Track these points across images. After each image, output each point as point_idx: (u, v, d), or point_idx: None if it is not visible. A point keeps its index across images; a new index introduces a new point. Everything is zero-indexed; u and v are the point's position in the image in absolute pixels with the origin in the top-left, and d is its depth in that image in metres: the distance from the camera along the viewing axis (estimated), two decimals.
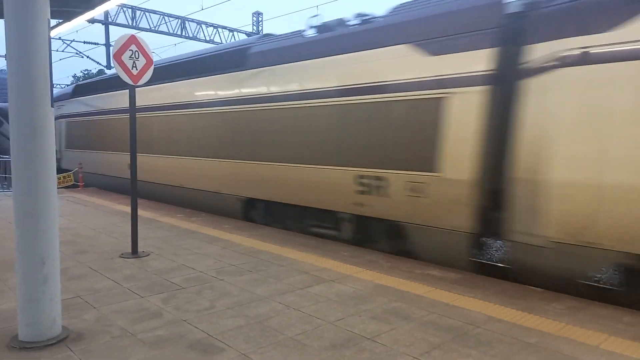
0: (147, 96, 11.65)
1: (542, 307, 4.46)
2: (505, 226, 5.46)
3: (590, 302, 4.62)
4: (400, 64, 6.40)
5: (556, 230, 5.03)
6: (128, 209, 10.20)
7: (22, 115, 3.44)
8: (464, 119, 5.72)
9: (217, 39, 29.18)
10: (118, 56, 6.13)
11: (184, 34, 27.46)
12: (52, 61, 3.72)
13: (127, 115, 9.52)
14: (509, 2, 5.73)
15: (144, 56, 6.37)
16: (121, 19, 25.02)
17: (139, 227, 6.57)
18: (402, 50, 6.39)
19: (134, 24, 25.34)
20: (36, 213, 3.48)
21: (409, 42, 6.33)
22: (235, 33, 30.35)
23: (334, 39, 7.44)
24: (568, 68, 4.92)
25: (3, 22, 3.67)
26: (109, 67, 27.09)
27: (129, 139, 6.37)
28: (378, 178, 6.64)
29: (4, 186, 15.10)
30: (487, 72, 5.57)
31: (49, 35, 3.62)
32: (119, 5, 24.00)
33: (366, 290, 4.91)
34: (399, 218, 6.47)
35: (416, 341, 3.70)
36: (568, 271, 5.03)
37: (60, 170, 15.38)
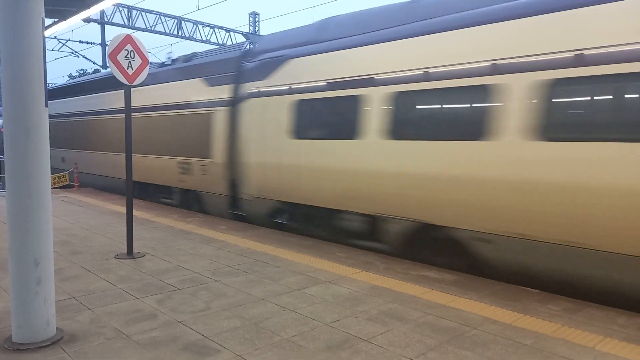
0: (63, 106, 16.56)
1: (536, 309, 4.47)
2: (239, 190, 9.13)
3: (585, 304, 4.63)
4: (196, 91, 10.29)
5: (254, 190, 8.76)
6: (123, 209, 10.15)
7: (15, 115, 3.42)
8: (220, 126, 9.43)
9: (213, 39, 29.16)
10: (113, 56, 6.11)
11: (180, 33, 27.43)
12: (47, 61, 3.69)
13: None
14: (241, 57, 9.38)
15: (139, 56, 6.34)
16: (117, 19, 24.97)
17: (134, 228, 6.53)
18: (196, 83, 10.29)
19: (130, 24, 25.29)
20: (29, 213, 3.45)
21: (200, 78, 10.21)
22: (231, 33, 30.31)
23: (166, 72, 11.56)
24: (252, 99, 8.69)
25: None
26: (104, 66, 27.01)
27: (124, 138, 6.33)
28: (186, 163, 10.41)
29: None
30: (228, 98, 9.31)
31: (43, 35, 3.59)
32: (114, 5, 23.92)
33: (362, 292, 4.90)
34: (198, 188, 10.25)
35: (412, 343, 3.69)
36: (263, 212, 8.73)
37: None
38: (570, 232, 4.89)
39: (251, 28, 32.65)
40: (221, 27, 29.80)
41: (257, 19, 33.09)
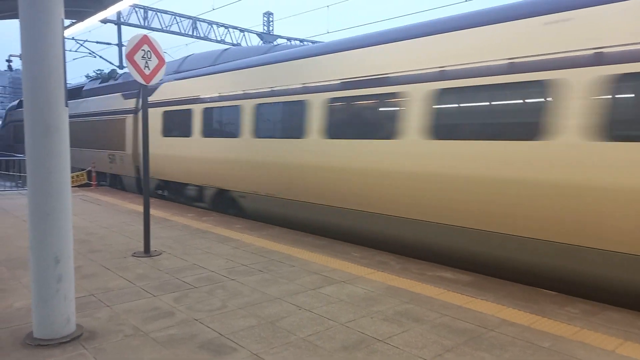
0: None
1: (554, 311, 4.41)
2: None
3: (603, 307, 4.56)
4: (116, 102, 14.43)
5: (135, 170, 13.44)
6: (139, 208, 10.27)
7: (36, 114, 3.47)
8: (129, 127, 13.43)
9: (228, 39, 29.31)
10: (130, 56, 6.17)
11: (195, 34, 27.61)
12: (66, 61, 3.75)
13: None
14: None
15: (156, 56, 6.40)
16: (133, 19, 25.23)
17: (150, 227, 6.60)
18: (118, 96, 14.41)
19: (146, 24, 25.54)
20: (50, 212, 3.51)
21: (120, 93, 14.34)
22: (246, 33, 30.44)
23: (102, 87, 16.13)
24: (139, 110, 12.88)
25: (18, 22, 3.70)
26: (121, 66, 27.32)
27: (142, 136, 6.42)
28: (112, 155, 14.52)
29: (18, 185, 15.28)
30: (134, 108, 13.39)
31: (63, 35, 3.65)
32: (131, 6, 24.19)
33: (377, 292, 4.89)
34: (119, 172, 14.45)
35: (429, 344, 3.67)
36: (153, 188, 12.81)
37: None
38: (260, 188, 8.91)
39: (265, 28, 32.76)
40: (235, 27, 29.94)
41: (271, 19, 33.21)
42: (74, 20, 10.54)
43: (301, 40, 32.75)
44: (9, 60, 21.24)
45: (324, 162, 7.52)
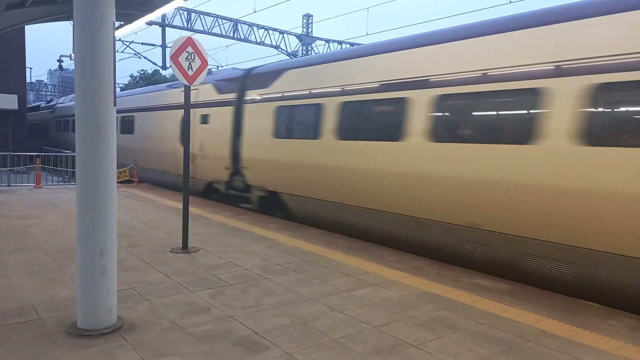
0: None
1: (598, 324, 4.25)
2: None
3: None
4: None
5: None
6: (178, 205, 10.53)
7: (87, 113, 3.63)
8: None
9: (267, 41, 29.68)
10: (175, 57, 6.35)
11: (236, 35, 28.10)
12: (116, 62, 3.90)
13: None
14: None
15: (199, 57, 6.56)
16: (177, 21, 25.93)
17: (188, 223, 6.76)
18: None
19: (189, 26, 26.19)
20: (97, 206, 3.66)
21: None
22: (285, 35, 30.75)
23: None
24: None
25: (68, 24, 3.88)
26: (164, 67, 28.09)
27: (181, 134, 6.65)
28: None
29: (65, 179, 15.96)
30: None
31: (114, 37, 3.80)
32: (175, 8, 24.86)
33: (411, 297, 4.84)
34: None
35: (463, 351, 3.61)
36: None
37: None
38: None
39: (304, 30, 32.99)
40: (275, 29, 30.29)
41: (310, 21, 33.40)
42: (122, 23, 10.94)
43: (340, 42, 32.80)
44: (59, 60, 22.21)
45: None
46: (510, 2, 16.18)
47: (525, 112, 5.56)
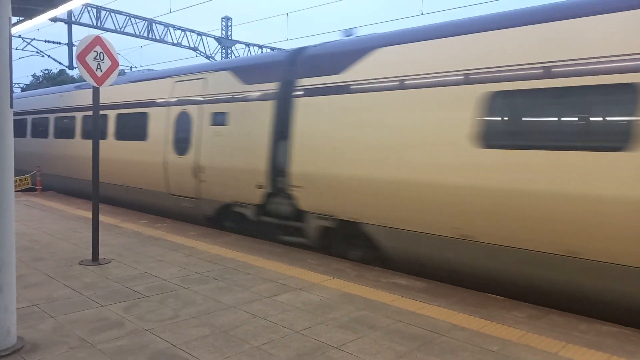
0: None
1: (502, 315, 4.58)
2: None
3: (549, 311, 4.77)
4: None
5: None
6: (87, 214, 9.88)
7: None
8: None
9: (185, 42, 28.83)
10: (82, 57, 5.97)
11: (151, 36, 26.99)
12: (12, 60, 3.58)
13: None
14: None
15: (109, 58, 6.22)
16: (85, 19, 24.39)
17: (99, 233, 6.37)
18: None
19: (99, 24, 24.75)
20: None
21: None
22: (203, 37, 30.05)
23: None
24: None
25: None
26: (71, 67, 26.31)
27: (91, 136, 6.17)
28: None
29: None
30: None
31: (10, 34, 3.49)
32: (83, 5, 23.38)
33: (333, 299, 4.91)
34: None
35: (382, 350, 3.72)
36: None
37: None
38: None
39: (223, 32, 32.46)
40: (193, 31, 29.50)
41: (229, 24, 32.93)
42: (21, 18, 10.09)
43: (260, 47, 32.66)
44: None
45: None
46: (422, 14, 17.07)
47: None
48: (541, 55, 5.05)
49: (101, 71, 6.13)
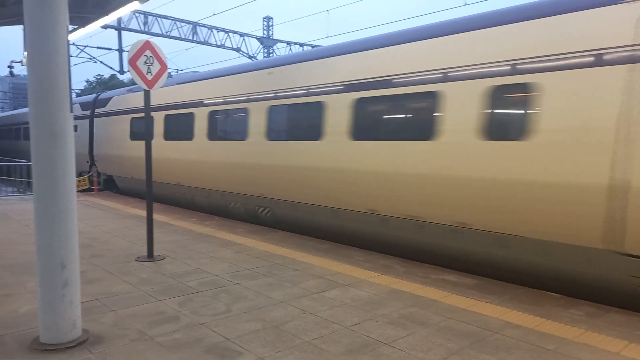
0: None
1: (559, 313, 4.41)
2: None
3: (608, 309, 4.56)
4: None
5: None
6: (141, 213, 10.28)
7: (41, 120, 3.49)
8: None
9: (228, 44, 29.40)
10: (133, 62, 6.20)
11: (195, 38, 27.69)
12: (70, 67, 3.77)
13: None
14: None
15: (158, 61, 6.43)
16: (134, 25, 25.32)
17: (153, 231, 6.61)
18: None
19: (146, 29, 25.62)
20: (56, 217, 3.52)
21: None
22: (246, 38, 30.53)
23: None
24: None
25: (19, 28, 3.73)
26: (121, 72, 27.37)
27: (145, 138, 6.44)
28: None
29: (20, 190, 15.31)
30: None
31: (68, 42, 3.67)
32: (132, 11, 24.27)
33: (382, 295, 4.89)
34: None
35: (434, 347, 3.68)
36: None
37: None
38: None
39: (265, 32, 32.85)
40: (235, 32, 30.03)
41: (270, 23, 33.29)
42: (75, 26, 10.59)
43: (301, 44, 32.84)
44: (10, 67, 21.30)
45: None
46: (466, 5, 16.63)
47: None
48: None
49: (151, 75, 6.35)
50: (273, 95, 8.61)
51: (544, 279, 5.40)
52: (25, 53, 17.81)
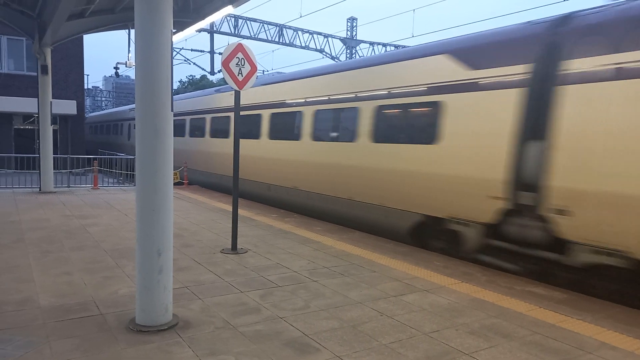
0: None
1: None
2: None
3: None
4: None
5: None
6: (226, 207, 10.77)
7: (147, 117, 3.78)
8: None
9: (312, 45, 29.91)
10: (226, 63, 6.51)
11: (281, 40, 28.48)
12: (173, 68, 4.04)
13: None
14: None
15: (249, 63, 6.70)
16: (225, 28, 26.56)
17: (238, 226, 6.90)
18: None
19: (236, 32, 26.77)
20: (156, 208, 3.80)
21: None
22: (329, 39, 30.88)
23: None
24: None
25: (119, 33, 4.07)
26: (212, 72, 28.82)
27: (234, 135, 6.76)
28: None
29: (119, 181, 16.67)
30: None
31: (172, 45, 3.94)
32: (224, 15, 25.48)
33: (462, 303, 4.74)
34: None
35: None
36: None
37: None
38: None
39: (348, 33, 33.01)
40: (319, 33, 30.48)
41: (354, 24, 33.39)
42: (175, 30, 11.34)
43: (384, 45, 32.62)
44: (116, 67, 23.24)
45: None
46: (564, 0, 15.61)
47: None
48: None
49: (242, 76, 6.63)
50: None
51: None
52: (130, 55, 19.07)
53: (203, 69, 30.18)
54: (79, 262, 5.80)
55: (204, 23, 10.31)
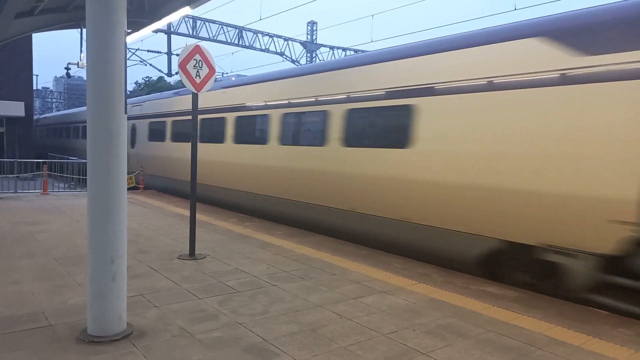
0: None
1: (608, 332, 4.23)
2: None
3: None
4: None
5: None
6: (184, 212, 10.56)
7: (99, 120, 3.66)
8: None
9: (272, 48, 29.83)
10: (183, 65, 6.40)
11: (241, 43, 28.25)
12: (127, 69, 3.93)
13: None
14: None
15: (207, 65, 6.61)
16: (183, 29, 26.10)
17: (195, 231, 6.77)
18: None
19: (195, 34, 26.35)
20: (108, 213, 3.68)
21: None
22: (289, 42, 30.89)
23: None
24: None
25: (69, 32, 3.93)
26: (169, 74, 28.24)
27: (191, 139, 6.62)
28: None
29: (71, 186, 16.04)
30: None
31: (126, 45, 3.84)
32: (182, 16, 25.03)
33: (419, 304, 4.83)
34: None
35: (473, 359, 3.60)
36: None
37: None
38: None
39: (309, 37, 33.13)
40: (279, 36, 30.44)
41: (315, 28, 33.56)
42: (130, 30, 11.03)
43: (344, 49, 32.92)
44: (67, 68, 22.38)
45: None
46: (515, 9, 16.27)
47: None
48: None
49: (199, 78, 6.53)
50: None
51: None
52: (82, 55, 18.35)
53: (160, 71, 29.55)
54: (28, 271, 5.53)
55: (161, 24, 10.11)
